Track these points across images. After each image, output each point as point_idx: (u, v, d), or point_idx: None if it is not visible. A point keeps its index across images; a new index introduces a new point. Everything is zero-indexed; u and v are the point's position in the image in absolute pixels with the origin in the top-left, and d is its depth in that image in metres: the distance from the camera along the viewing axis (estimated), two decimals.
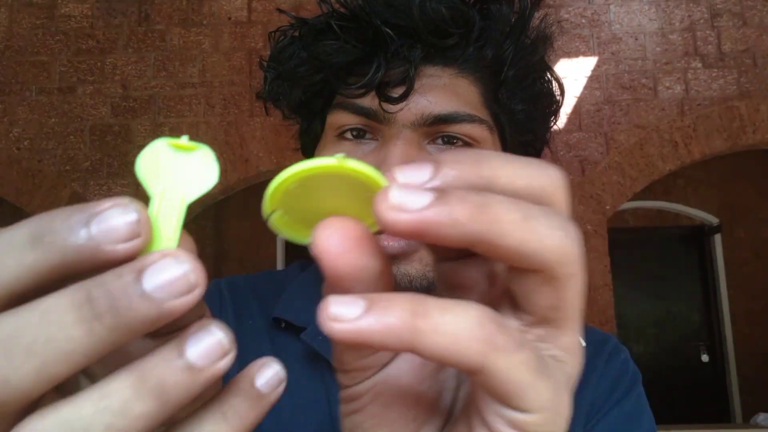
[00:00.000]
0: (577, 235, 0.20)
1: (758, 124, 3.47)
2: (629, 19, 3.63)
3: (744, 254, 5.07)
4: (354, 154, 0.50)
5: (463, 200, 0.18)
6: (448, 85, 0.50)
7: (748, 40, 3.56)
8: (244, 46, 3.64)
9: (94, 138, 3.58)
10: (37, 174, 3.54)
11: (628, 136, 3.49)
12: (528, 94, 0.53)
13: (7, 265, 0.17)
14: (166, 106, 3.60)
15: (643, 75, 3.56)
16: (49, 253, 0.17)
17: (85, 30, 3.70)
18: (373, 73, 0.47)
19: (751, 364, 4.88)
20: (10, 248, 0.17)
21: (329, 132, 0.52)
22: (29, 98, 3.62)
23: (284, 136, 3.53)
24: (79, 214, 0.17)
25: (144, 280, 0.17)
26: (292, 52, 0.50)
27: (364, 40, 0.47)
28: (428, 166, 0.19)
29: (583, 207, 3.44)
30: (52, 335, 0.16)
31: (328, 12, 0.49)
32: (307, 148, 0.58)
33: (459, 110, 0.49)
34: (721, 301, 5.02)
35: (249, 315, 0.59)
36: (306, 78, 0.50)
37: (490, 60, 0.50)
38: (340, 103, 0.50)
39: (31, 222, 0.18)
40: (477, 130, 0.49)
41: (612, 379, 0.56)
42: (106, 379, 0.17)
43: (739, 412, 4.82)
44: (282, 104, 0.55)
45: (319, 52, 0.48)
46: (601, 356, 0.57)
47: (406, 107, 0.48)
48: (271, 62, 0.53)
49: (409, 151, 0.47)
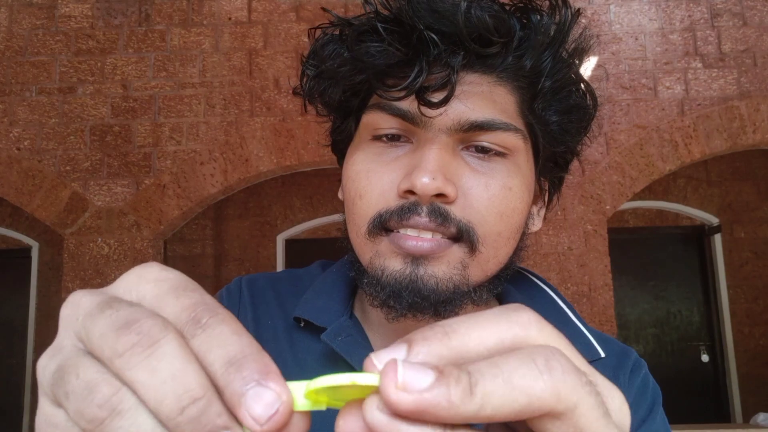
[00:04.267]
0: (566, 363, 0.21)
1: (758, 124, 3.47)
2: (629, 19, 3.63)
3: (744, 254, 5.07)
4: (387, 155, 0.50)
5: (458, 381, 0.19)
6: (486, 92, 0.50)
7: (748, 40, 3.57)
8: (244, 46, 3.64)
9: (94, 138, 3.58)
10: (37, 174, 3.54)
11: (628, 136, 3.49)
12: (563, 105, 0.53)
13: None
14: (166, 106, 3.60)
15: (643, 75, 3.56)
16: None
17: (85, 30, 3.71)
18: (414, 77, 0.47)
19: (751, 364, 4.88)
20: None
21: (364, 132, 0.53)
22: (29, 98, 3.62)
23: (284, 136, 3.53)
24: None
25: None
26: (333, 51, 0.50)
27: (407, 44, 0.47)
28: (402, 347, 0.21)
29: (583, 207, 3.44)
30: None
31: (372, 13, 0.49)
32: (338, 146, 0.58)
33: (495, 118, 0.49)
34: (721, 301, 5.02)
35: (268, 315, 0.60)
36: (347, 78, 0.50)
37: (528, 70, 0.50)
38: (378, 104, 0.50)
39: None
40: (512, 138, 0.50)
41: (634, 396, 0.55)
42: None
43: (739, 412, 4.82)
44: (318, 101, 0.55)
45: (361, 53, 0.48)
46: (623, 369, 0.57)
47: (444, 112, 0.48)
48: (310, 59, 0.53)
49: (443, 155, 0.48)
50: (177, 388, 0.20)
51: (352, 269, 0.56)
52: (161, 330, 0.21)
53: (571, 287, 3.37)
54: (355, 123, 0.55)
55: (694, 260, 5.20)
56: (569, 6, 0.51)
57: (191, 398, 0.20)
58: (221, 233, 5.20)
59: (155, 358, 0.21)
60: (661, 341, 5.08)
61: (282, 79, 3.60)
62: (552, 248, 3.42)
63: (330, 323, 0.55)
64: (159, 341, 0.21)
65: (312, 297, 0.59)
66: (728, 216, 5.09)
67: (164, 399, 0.20)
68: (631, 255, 5.05)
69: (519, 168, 0.51)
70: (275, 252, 5.18)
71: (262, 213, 5.23)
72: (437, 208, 0.47)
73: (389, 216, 0.48)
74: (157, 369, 0.21)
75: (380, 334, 0.57)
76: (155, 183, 3.52)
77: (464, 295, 0.50)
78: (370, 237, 0.50)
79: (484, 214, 0.49)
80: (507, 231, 0.50)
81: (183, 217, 3.60)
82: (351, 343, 0.53)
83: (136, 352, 0.21)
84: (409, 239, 0.48)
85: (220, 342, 0.21)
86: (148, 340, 0.21)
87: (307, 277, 0.63)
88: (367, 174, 0.50)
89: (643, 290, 5.11)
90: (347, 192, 0.52)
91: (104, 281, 3.42)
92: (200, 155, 3.54)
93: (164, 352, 0.21)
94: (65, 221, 3.50)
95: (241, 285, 0.63)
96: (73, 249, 3.46)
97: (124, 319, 0.22)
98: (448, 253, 0.48)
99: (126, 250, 3.46)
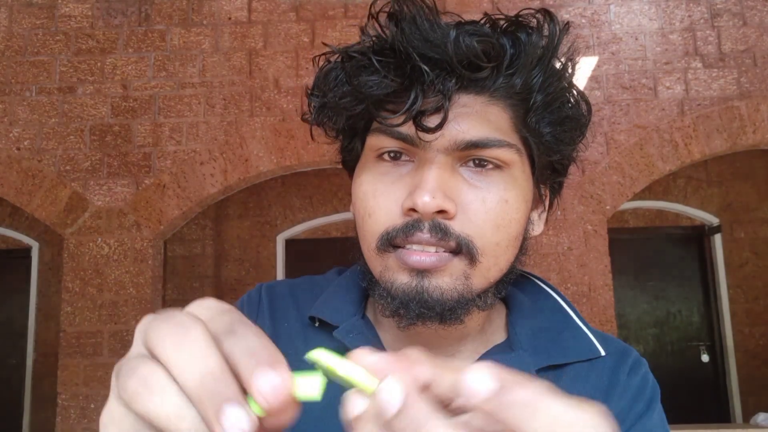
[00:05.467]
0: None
1: (758, 124, 3.47)
2: (629, 19, 3.63)
3: (744, 254, 5.07)
4: (391, 175, 0.55)
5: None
6: (479, 112, 0.53)
7: (748, 40, 3.57)
8: (244, 46, 3.64)
9: (94, 138, 3.58)
10: (37, 174, 3.54)
11: (628, 136, 3.49)
12: (555, 117, 0.56)
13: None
14: (166, 106, 3.60)
15: (643, 75, 3.56)
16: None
17: (85, 30, 3.71)
18: (410, 105, 0.50)
19: (751, 364, 4.88)
20: None
21: (369, 153, 0.57)
22: (29, 98, 3.62)
23: (284, 136, 3.53)
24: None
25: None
26: (334, 81, 0.55)
27: (401, 74, 0.51)
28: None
29: (583, 207, 3.44)
30: None
31: (369, 45, 0.53)
32: (348, 163, 0.63)
33: (490, 136, 0.52)
34: (721, 301, 5.03)
35: (285, 318, 0.64)
36: (348, 108, 0.54)
37: (519, 88, 0.54)
38: (379, 128, 0.54)
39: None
40: (506, 153, 0.53)
41: (633, 392, 0.57)
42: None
43: (739, 412, 4.82)
44: (326, 126, 0.60)
45: (360, 85, 0.51)
46: (623, 368, 0.59)
47: (441, 134, 0.52)
48: (315, 90, 0.57)
49: (442, 174, 0.52)
50: (200, 364, 0.25)
51: (363, 279, 0.60)
52: (193, 321, 0.27)
53: (571, 287, 3.37)
54: (361, 144, 0.59)
55: (694, 260, 5.21)
56: (557, 22, 0.54)
57: (210, 374, 0.25)
58: (221, 233, 5.20)
59: (185, 340, 0.26)
60: (661, 341, 5.08)
61: (282, 79, 3.60)
62: (552, 248, 3.42)
63: (343, 322, 0.59)
64: (189, 329, 0.27)
65: (327, 298, 0.63)
66: (728, 216, 5.09)
67: (189, 373, 0.25)
68: (631, 255, 5.05)
69: (515, 180, 0.54)
70: (275, 252, 5.18)
71: (262, 213, 5.23)
72: (438, 224, 0.51)
73: (396, 233, 0.52)
74: (186, 349, 0.26)
75: (391, 334, 0.61)
76: (155, 183, 3.52)
77: (469, 302, 0.53)
78: (379, 253, 0.54)
79: (482, 226, 0.52)
80: (505, 240, 0.54)
81: (183, 217, 3.60)
82: (362, 340, 0.57)
83: (171, 335, 0.26)
84: (413, 254, 0.51)
85: (244, 341, 0.27)
86: (182, 328, 0.27)
87: (323, 282, 0.68)
88: (374, 194, 0.54)
89: (643, 290, 5.11)
90: (357, 210, 0.57)
91: (104, 281, 3.42)
92: (200, 155, 3.54)
93: (193, 337, 0.26)
94: (65, 221, 3.50)
95: (261, 292, 0.67)
96: (73, 249, 3.46)
97: (170, 317, 0.28)
98: (450, 266, 0.52)
99: (126, 250, 3.46)
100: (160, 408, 0.25)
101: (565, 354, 0.58)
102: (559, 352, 0.58)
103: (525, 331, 0.59)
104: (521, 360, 0.56)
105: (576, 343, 0.59)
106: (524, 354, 0.57)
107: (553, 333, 0.60)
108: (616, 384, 0.57)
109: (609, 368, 0.58)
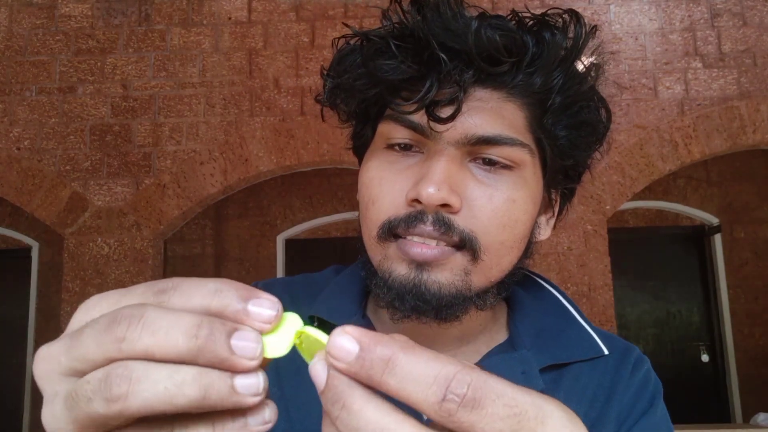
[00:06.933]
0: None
1: (758, 124, 3.47)
2: (629, 19, 3.63)
3: (744, 254, 5.07)
4: (399, 164, 0.54)
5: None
6: (495, 108, 0.52)
7: (748, 40, 3.57)
8: (244, 46, 3.64)
9: (94, 138, 3.58)
10: (37, 174, 3.54)
11: (628, 136, 3.49)
12: (573, 121, 0.55)
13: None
14: (166, 106, 3.60)
15: (643, 75, 3.56)
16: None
17: (85, 30, 3.71)
18: (425, 93, 0.49)
19: (751, 364, 4.88)
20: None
21: (379, 141, 0.56)
22: (29, 98, 3.62)
23: (284, 136, 3.53)
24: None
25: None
26: (351, 63, 0.53)
27: (419, 61, 0.50)
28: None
29: (583, 207, 3.44)
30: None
31: (387, 29, 0.52)
32: (358, 150, 0.62)
33: (502, 133, 0.51)
34: (721, 301, 5.02)
35: None
36: (362, 91, 0.53)
37: (538, 87, 0.52)
38: (391, 116, 0.53)
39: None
40: (518, 153, 0.52)
41: (635, 390, 0.57)
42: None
43: (739, 412, 4.82)
44: (339, 109, 0.59)
45: (376, 68, 0.50)
46: (625, 366, 0.58)
47: (452, 126, 0.50)
48: (331, 70, 0.56)
49: (450, 167, 0.50)
50: (181, 326, 0.24)
51: (363, 268, 0.59)
52: (139, 306, 0.24)
53: (571, 287, 3.37)
54: (372, 131, 0.57)
55: (694, 260, 5.20)
56: (583, 24, 0.53)
57: (198, 325, 0.24)
58: (221, 233, 5.20)
59: (150, 322, 0.24)
60: (661, 341, 5.08)
61: (282, 79, 3.60)
62: (552, 248, 3.42)
63: (343, 321, 0.57)
64: (143, 312, 0.24)
65: (326, 297, 0.62)
66: (728, 216, 5.09)
67: (176, 341, 0.23)
68: (631, 255, 5.05)
69: (525, 181, 0.53)
70: (275, 252, 5.18)
71: (262, 213, 5.23)
72: (441, 218, 0.50)
73: (398, 223, 0.51)
74: (158, 326, 0.24)
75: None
76: (155, 183, 3.52)
77: (467, 300, 0.52)
78: (380, 241, 0.53)
79: (487, 224, 0.51)
80: (509, 240, 0.53)
81: (183, 217, 3.60)
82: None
83: (132, 327, 0.24)
84: (414, 246, 0.50)
85: (191, 292, 0.25)
86: (134, 317, 0.24)
87: (321, 280, 0.66)
88: (380, 181, 0.53)
89: (643, 290, 5.11)
90: (362, 196, 0.56)
91: (104, 281, 3.42)
92: (200, 155, 3.54)
93: (153, 315, 0.24)
94: (65, 221, 3.50)
95: (258, 288, 0.65)
96: (73, 249, 3.46)
97: (103, 321, 0.24)
98: (451, 261, 0.51)
99: (126, 250, 3.46)
100: (162, 395, 0.23)
101: (568, 353, 0.57)
102: (563, 351, 0.57)
103: (527, 330, 0.59)
104: (524, 359, 0.56)
105: (579, 341, 0.59)
106: (527, 353, 0.56)
107: (556, 332, 0.59)
108: (619, 382, 0.57)
109: (612, 366, 0.58)
